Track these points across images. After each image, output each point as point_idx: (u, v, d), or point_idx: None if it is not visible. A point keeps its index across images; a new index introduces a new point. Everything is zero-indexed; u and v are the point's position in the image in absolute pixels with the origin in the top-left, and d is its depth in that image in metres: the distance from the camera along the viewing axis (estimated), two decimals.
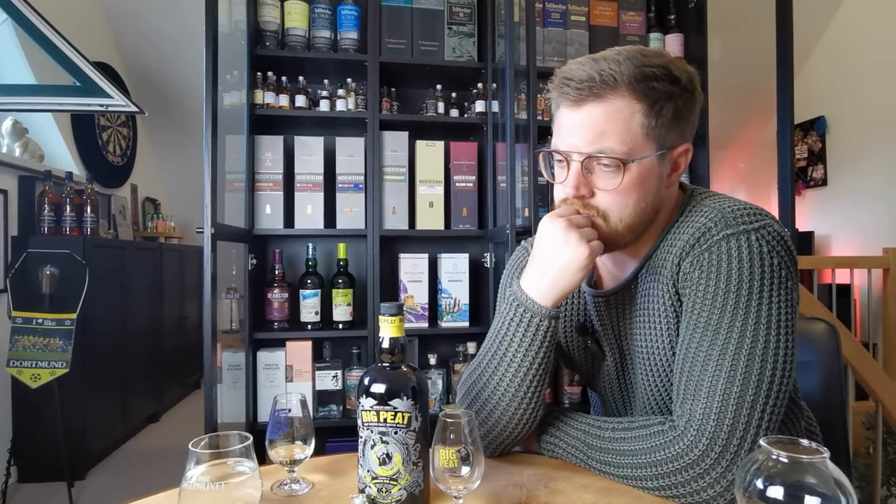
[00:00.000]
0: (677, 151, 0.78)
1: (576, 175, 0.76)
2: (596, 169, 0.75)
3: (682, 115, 0.77)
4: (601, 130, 0.73)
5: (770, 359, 0.69)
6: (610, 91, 0.73)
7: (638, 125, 0.73)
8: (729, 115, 4.30)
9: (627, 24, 2.24)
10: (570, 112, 0.76)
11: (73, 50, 2.30)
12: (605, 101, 0.73)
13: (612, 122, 0.73)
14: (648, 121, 0.74)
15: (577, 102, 0.74)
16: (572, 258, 0.75)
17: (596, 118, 0.73)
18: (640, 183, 0.75)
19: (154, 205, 4.49)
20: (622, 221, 0.76)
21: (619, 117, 0.73)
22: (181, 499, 0.59)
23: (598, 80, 0.72)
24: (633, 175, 0.74)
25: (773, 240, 0.72)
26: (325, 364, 2.01)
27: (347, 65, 2.11)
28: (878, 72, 3.73)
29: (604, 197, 0.76)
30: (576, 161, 0.75)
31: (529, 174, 1.90)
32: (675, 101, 0.75)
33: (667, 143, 0.76)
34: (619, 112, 0.73)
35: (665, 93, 0.73)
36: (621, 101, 0.73)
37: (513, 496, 0.72)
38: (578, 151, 0.75)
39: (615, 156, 0.73)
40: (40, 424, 2.56)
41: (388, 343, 0.70)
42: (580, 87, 0.73)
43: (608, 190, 0.75)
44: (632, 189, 0.75)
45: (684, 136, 0.79)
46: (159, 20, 3.61)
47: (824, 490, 0.48)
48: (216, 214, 1.64)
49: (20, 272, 2.53)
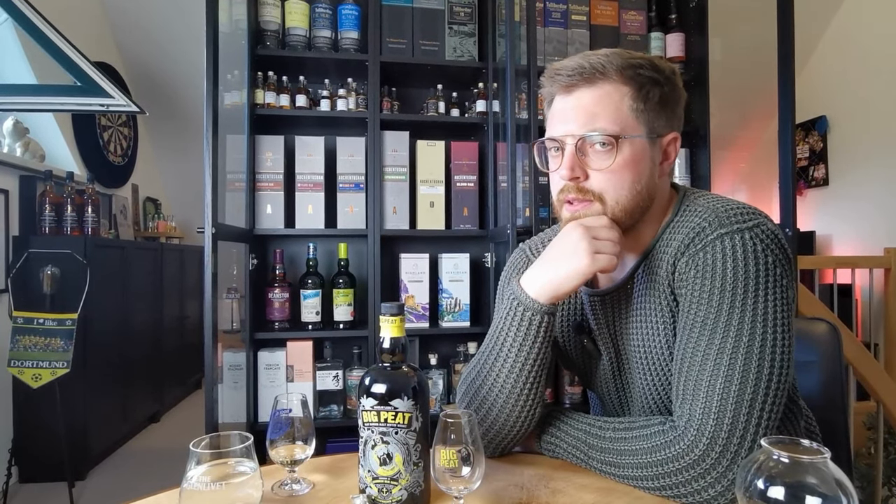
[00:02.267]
0: (666, 139, 0.81)
1: (570, 157, 0.77)
2: (589, 151, 0.77)
3: (669, 102, 0.80)
4: (593, 112, 0.77)
5: (767, 356, 0.69)
6: (599, 77, 0.77)
7: (627, 107, 0.77)
8: (730, 114, 4.29)
9: (628, 24, 2.24)
10: (562, 98, 0.80)
11: (73, 49, 2.30)
12: (595, 85, 0.77)
13: (602, 105, 0.77)
14: (637, 104, 0.77)
15: (569, 88, 0.79)
16: (575, 267, 0.76)
17: (587, 101, 0.77)
18: (634, 164, 0.77)
19: (155, 205, 4.50)
20: (618, 204, 0.77)
21: (609, 100, 0.77)
22: (182, 499, 0.59)
23: (588, 67, 0.77)
24: (625, 155, 0.76)
25: (767, 238, 0.72)
26: (326, 364, 2.01)
27: (348, 64, 2.11)
28: (879, 71, 3.72)
29: (598, 178, 0.77)
30: (570, 144, 0.77)
31: (530, 174, 1.90)
32: (661, 88, 0.78)
33: (656, 128, 0.79)
34: (608, 95, 0.77)
35: (651, 78, 0.78)
36: (610, 85, 0.77)
37: (513, 496, 0.72)
38: (572, 135, 0.77)
39: (607, 133, 0.75)
40: (41, 424, 2.56)
41: (389, 343, 0.70)
42: (571, 73, 0.77)
43: (602, 169, 0.77)
44: (625, 169, 0.77)
45: (672, 125, 0.81)
46: (160, 20, 3.62)
47: (825, 490, 0.48)
48: (217, 214, 1.64)
49: (21, 272, 2.53)
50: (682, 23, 2.27)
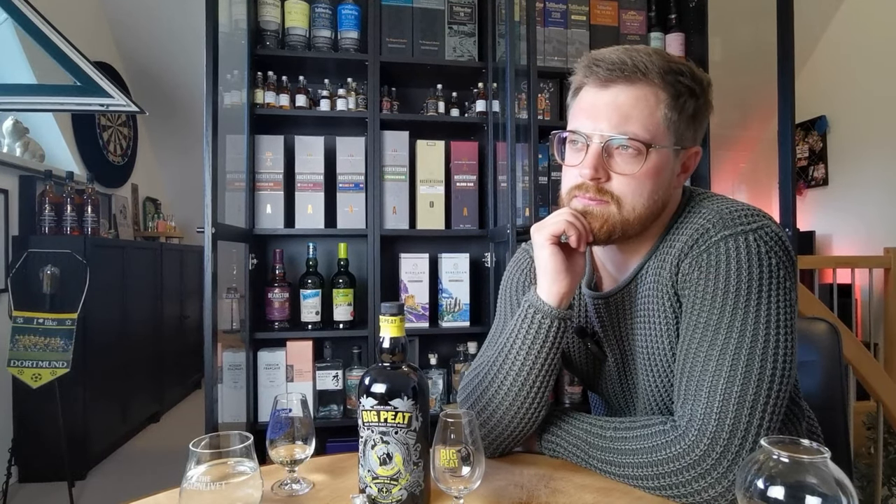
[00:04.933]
0: (689, 152, 0.80)
1: (595, 156, 0.75)
2: (615, 153, 0.75)
3: (699, 115, 0.78)
4: (627, 114, 0.74)
5: (770, 358, 0.69)
6: (640, 77, 0.74)
7: (661, 115, 0.75)
8: (730, 114, 4.30)
9: (628, 24, 2.24)
10: (597, 92, 0.76)
11: (73, 49, 2.30)
12: (634, 85, 0.74)
13: (638, 108, 0.74)
14: (671, 114, 0.75)
15: (606, 83, 0.75)
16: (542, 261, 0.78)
17: (623, 100, 0.74)
18: (657, 173, 0.76)
19: (155, 204, 4.50)
20: (634, 210, 0.76)
21: (646, 104, 0.74)
22: (182, 499, 0.59)
23: (630, 64, 0.74)
24: (652, 163, 0.75)
25: (770, 240, 0.72)
26: (326, 364, 2.00)
27: (348, 64, 2.11)
28: (879, 71, 3.72)
29: (620, 182, 0.76)
30: (596, 143, 0.75)
31: (530, 174, 1.90)
32: (697, 100, 0.77)
33: (683, 140, 0.78)
34: (645, 98, 0.74)
35: (689, 88, 0.76)
36: (649, 88, 0.74)
37: (513, 496, 0.72)
38: (601, 133, 0.75)
39: (639, 139, 0.73)
40: (41, 424, 2.56)
41: (389, 343, 0.70)
42: (611, 68, 0.74)
43: (626, 174, 0.75)
44: (648, 177, 0.75)
45: (696, 138, 0.80)
46: (160, 20, 3.62)
47: (825, 490, 0.48)
48: (217, 214, 1.64)
49: (21, 272, 2.53)
50: (682, 23, 2.26)
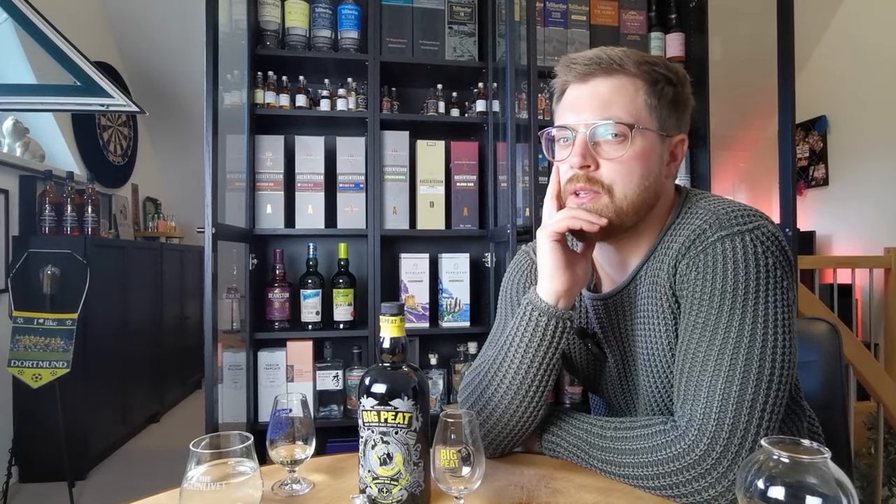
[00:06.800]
0: (675, 140, 0.82)
1: (581, 144, 0.77)
2: (601, 141, 0.77)
3: (679, 103, 0.81)
4: (608, 101, 0.77)
5: (768, 358, 0.69)
6: (616, 68, 0.78)
7: (642, 101, 0.78)
8: (730, 114, 4.29)
9: (628, 24, 2.24)
10: (577, 87, 0.80)
11: (73, 49, 2.30)
12: (611, 76, 0.78)
13: (617, 94, 0.77)
14: (651, 99, 0.78)
15: (585, 77, 0.79)
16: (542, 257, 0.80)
17: (603, 90, 0.78)
18: (645, 157, 0.77)
19: (155, 204, 4.50)
20: (626, 197, 0.77)
21: (625, 91, 0.78)
22: (182, 499, 0.59)
23: (606, 58, 0.78)
24: (637, 147, 0.77)
25: (767, 240, 0.72)
26: (326, 364, 2.00)
27: (348, 64, 2.11)
28: (879, 71, 3.72)
29: (609, 169, 0.77)
30: (582, 132, 0.77)
31: (530, 174, 1.89)
32: (674, 87, 0.80)
33: (667, 126, 0.80)
34: (624, 87, 0.78)
35: (665, 76, 0.79)
36: (627, 78, 0.78)
37: (513, 496, 0.72)
38: (586, 122, 0.77)
39: (621, 121, 0.76)
40: (41, 424, 2.56)
41: (389, 343, 0.70)
42: (588, 63, 0.78)
43: (613, 159, 0.77)
44: (636, 161, 0.77)
45: (681, 126, 0.82)
46: (160, 20, 3.62)
47: (825, 490, 0.48)
48: (217, 214, 1.64)
49: (21, 272, 2.53)
50: (682, 22, 2.26)
